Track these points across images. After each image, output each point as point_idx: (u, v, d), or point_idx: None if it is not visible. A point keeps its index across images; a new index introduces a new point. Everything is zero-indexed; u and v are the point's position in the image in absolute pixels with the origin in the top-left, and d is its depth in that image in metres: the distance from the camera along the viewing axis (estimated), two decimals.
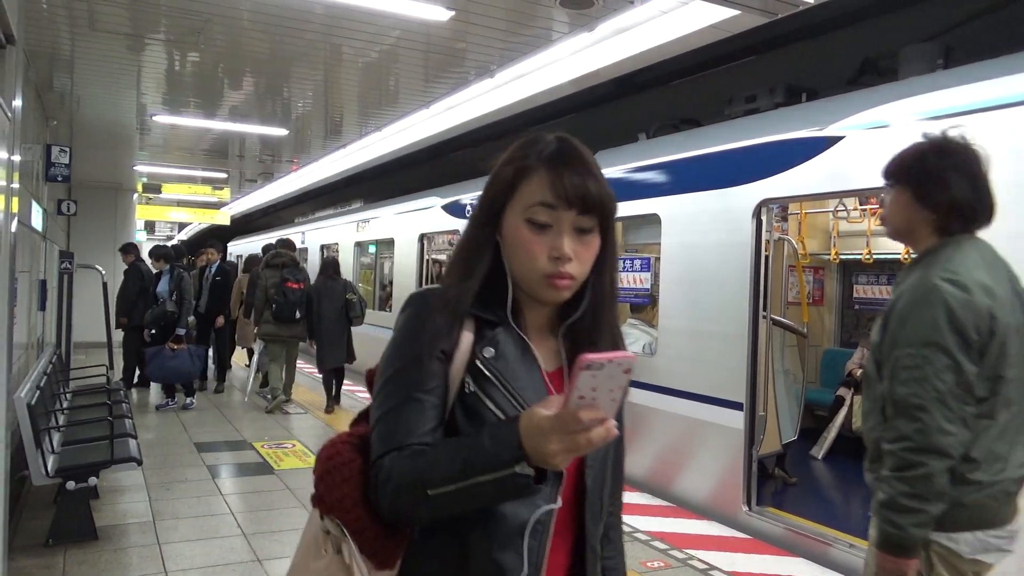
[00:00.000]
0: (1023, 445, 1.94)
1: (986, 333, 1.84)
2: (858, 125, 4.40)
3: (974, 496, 1.87)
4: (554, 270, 1.17)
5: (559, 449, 0.98)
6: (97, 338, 10.90)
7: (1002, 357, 1.87)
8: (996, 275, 1.94)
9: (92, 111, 8.94)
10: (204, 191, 15.52)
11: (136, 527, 4.59)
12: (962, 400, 1.83)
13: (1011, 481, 1.91)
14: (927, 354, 1.83)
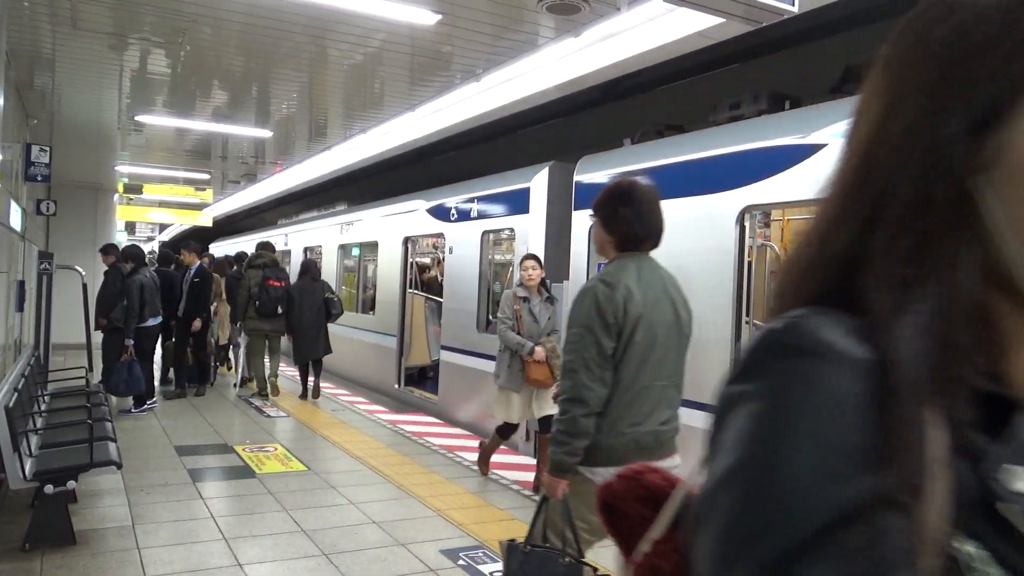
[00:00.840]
0: (660, 409, 2.64)
1: (621, 319, 2.55)
2: (840, 133, 4.44)
3: (610, 441, 2.57)
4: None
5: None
6: (76, 340, 10.78)
7: (631, 339, 2.56)
8: (645, 282, 2.64)
9: (73, 110, 8.85)
10: (186, 192, 15.40)
11: (115, 531, 4.54)
12: (602, 366, 2.54)
13: (644, 434, 2.60)
14: (581, 332, 2.56)
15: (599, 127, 9.01)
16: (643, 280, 2.63)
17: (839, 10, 4.98)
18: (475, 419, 8.21)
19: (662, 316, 2.64)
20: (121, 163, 12.74)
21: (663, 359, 2.64)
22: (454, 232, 8.93)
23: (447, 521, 4.92)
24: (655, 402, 2.62)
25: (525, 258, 6.01)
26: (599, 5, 4.86)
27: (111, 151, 11.68)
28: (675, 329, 2.69)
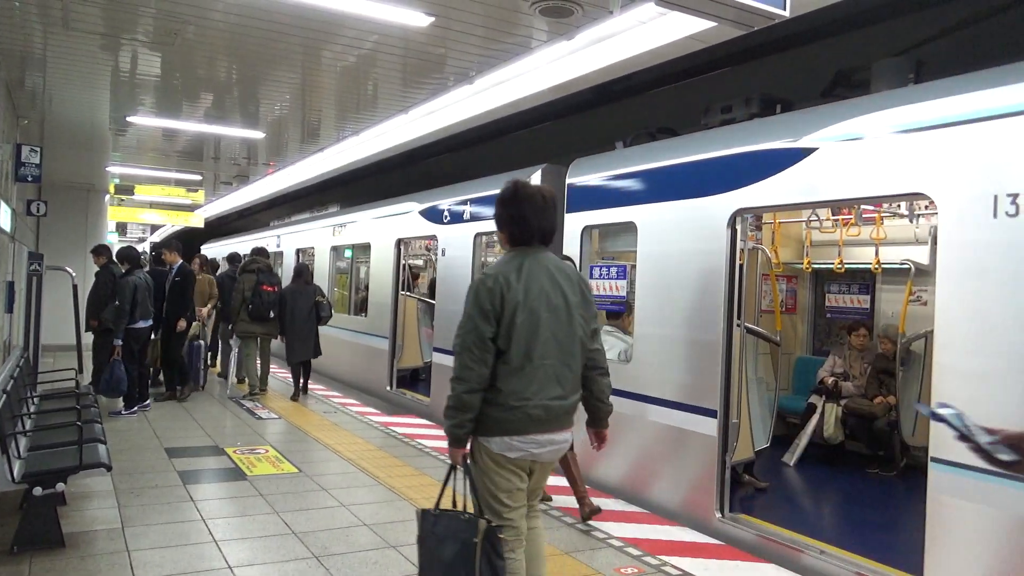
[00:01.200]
0: (550, 386, 2.92)
1: (499, 306, 2.86)
2: (831, 137, 4.48)
3: (500, 414, 2.88)
4: None
5: None
6: (67, 341, 10.73)
7: (511, 324, 2.86)
8: (528, 273, 2.95)
9: (64, 111, 8.81)
10: (178, 193, 15.36)
11: (104, 534, 4.51)
12: (482, 349, 2.84)
13: (534, 407, 2.88)
14: (465, 320, 2.91)
15: (591, 130, 9.03)
16: (526, 271, 2.95)
17: (830, 14, 5.01)
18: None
19: (547, 302, 2.95)
20: (112, 164, 12.69)
21: (549, 340, 2.94)
22: (447, 234, 8.93)
23: None
24: (544, 379, 2.91)
25: None
26: (592, 8, 4.87)
27: (102, 152, 11.64)
28: (564, 312, 2.99)
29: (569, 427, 3.05)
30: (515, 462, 2.92)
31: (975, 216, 3.68)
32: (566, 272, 3.07)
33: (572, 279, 3.08)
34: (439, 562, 2.89)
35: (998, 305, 3.57)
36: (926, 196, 3.98)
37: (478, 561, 2.74)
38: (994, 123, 3.68)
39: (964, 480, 3.63)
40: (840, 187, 4.43)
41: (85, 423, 4.80)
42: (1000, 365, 3.54)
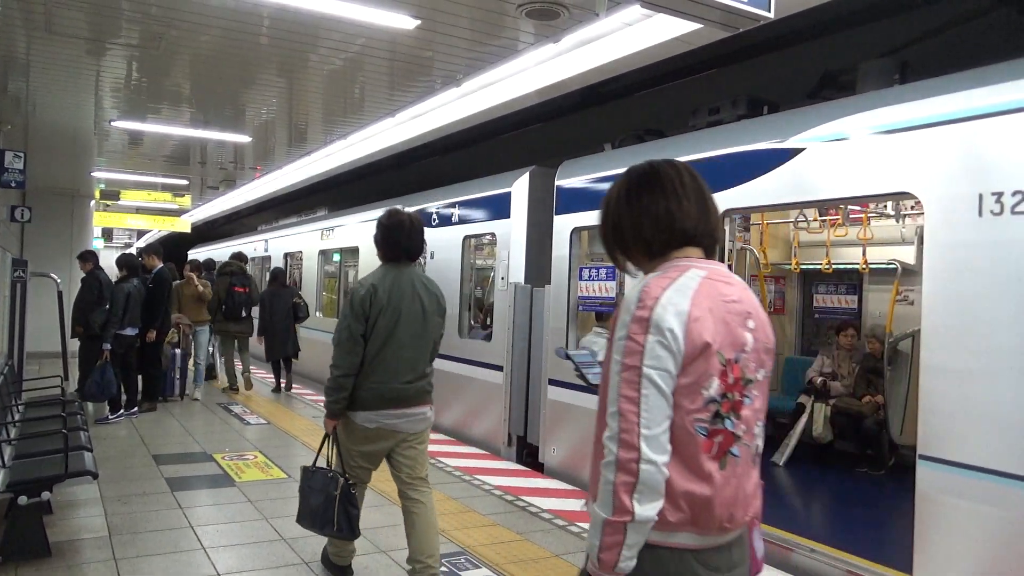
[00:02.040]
0: (403, 372, 3.65)
1: (367, 309, 3.58)
2: (818, 137, 4.50)
3: (362, 393, 3.61)
4: None
5: None
6: (52, 348, 10.63)
7: (376, 324, 3.58)
8: (394, 283, 3.66)
9: (48, 116, 8.74)
10: (164, 198, 15.28)
11: (91, 542, 4.47)
12: (353, 342, 3.57)
13: (388, 389, 3.61)
14: (341, 319, 3.64)
15: (580, 132, 9.04)
16: (391, 282, 3.67)
17: (816, 15, 5.04)
18: (456, 425, 8.18)
19: (407, 307, 3.67)
20: (98, 169, 12.60)
21: (405, 336, 3.66)
22: (435, 237, 8.91)
23: None
24: (397, 367, 3.64)
25: None
26: (578, 11, 4.88)
27: (87, 157, 11.55)
28: (420, 316, 3.72)
29: (424, 404, 3.78)
30: (375, 431, 3.67)
31: (960, 215, 3.71)
32: (427, 285, 3.81)
33: (431, 290, 3.82)
34: (310, 509, 3.77)
35: (984, 304, 3.60)
36: (912, 195, 4.00)
37: (337, 509, 3.63)
38: (979, 122, 3.71)
39: (952, 477, 3.65)
40: (827, 187, 4.45)
41: (71, 431, 4.76)
42: (987, 363, 3.56)
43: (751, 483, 1.68)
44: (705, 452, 1.57)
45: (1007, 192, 3.53)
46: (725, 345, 1.60)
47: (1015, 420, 3.45)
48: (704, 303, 1.58)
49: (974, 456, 3.59)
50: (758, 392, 1.68)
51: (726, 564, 1.63)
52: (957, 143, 3.78)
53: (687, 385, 1.54)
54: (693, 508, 1.55)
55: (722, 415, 1.59)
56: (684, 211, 1.73)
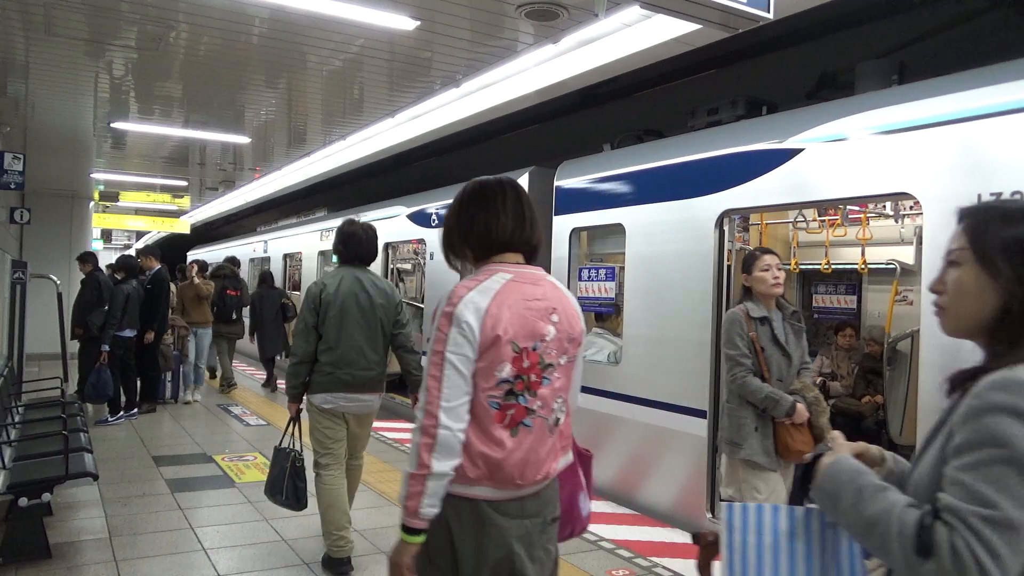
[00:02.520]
0: (356, 361, 4.14)
1: (318, 304, 4.13)
2: (817, 138, 4.50)
3: (321, 378, 4.12)
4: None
5: None
6: (52, 349, 10.62)
7: (326, 316, 4.11)
8: (345, 281, 4.21)
9: (47, 117, 8.73)
10: (163, 199, 15.27)
11: (92, 544, 4.47)
12: (307, 333, 4.12)
13: (342, 374, 4.12)
14: (299, 313, 4.24)
15: (579, 132, 9.04)
16: (340, 280, 4.21)
17: (814, 16, 5.04)
18: None
19: (356, 302, 4.18)
20: (97, 170, 12.59)
21: (356, 328, 4.16)
22: (435, 237, 8.91)
23: None
24: (350, 356, 4.13)
25: (758, 254, 3.89)
26: (577, 11, 4.88)
27: (86, 158, 11.54)
28: (369, 310, 4.21)
29: (374, 392, 4.26)
30: (332, 412, 4.17)
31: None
32: (377, 284, 4.34)
33: (380, 287, 4.34)
34: (270, 480, 4.31)
35: None
36: (911, 196, 4.01)
37: (286, 481, 4.22)
38: (977, 123, 3.72)
39: None
40: (826, 187, 4.46)
41: (71, 432, 4.76)
42: None
43: (545, 448, 2.01)
44: (498, 422, 1.92)
45: (1006, 193, 3.53)
46: (520, 336, 1.94)
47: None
48: (503, 301, 1.93)
49: None
50: (559, 374, 2.03)
51: (520, 513, 1.98)
52: (956, 144, 3.79)
53: (483, 368, 1.90)
54: (488, 466, 1.91)
55: (515, 392, 1.94)
56: (500, 225, 2.05)
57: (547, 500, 2.08)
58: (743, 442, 3.78)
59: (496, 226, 2.05)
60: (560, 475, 2.15)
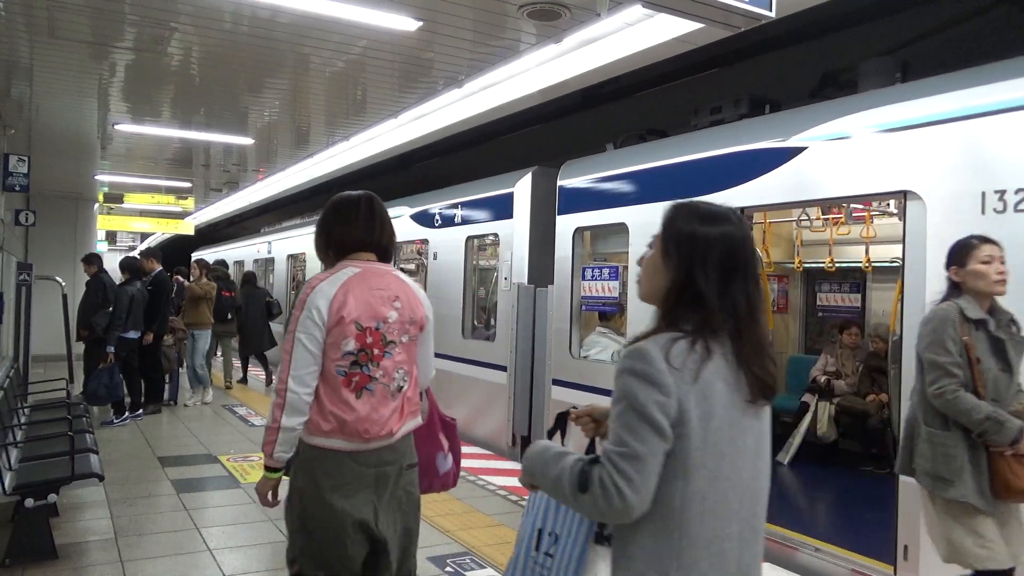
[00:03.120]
0: None
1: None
2: (820, 136, 4.50)
3: None
4: None
5: None
6: (57, 351, 10.66)
7: None
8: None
9: (52, 119, 8.76)
10: (168, 201, 15.28)
11: (98, 544, 4.49)
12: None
13: None
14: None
15: (581, 132, 9.04)
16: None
17: (817, 14, 5.03)
18: (461, 426, 8.18)
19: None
20: (101, 172, 12.62)
21: None
22: (438, 238, 8.92)
23: (434, 528, 4.90)
24: None
25: (975, 242, 3.11)
26: (579, 11, 4.88)
27: (91, 160, 11.57)
28: None
29: None
30: None
31: (963, 213, 3.71)
32: None
33: None
34: None
35: None
36: (914, 194, 4.00)
37: None
38: (981, 120, 3.71)
39: None
40: (829, 186, 4.45)
41: (76, 433, 4.78)
42: None
43: (387, 410, 2.47)
44: (345, 387, 2.41)
45: (1010, 190, 3.53)
46: (363, 317, 2.43)
47: None
48: (349, 290, 2.43)
49: None
50: (401, 350, 2.52)
51: (378, 461, 2.46)
52: (959, 141, 3.78)
53: (331, 343, 2.40)
54: (338, 422, 2.40)
55: (360, 363, 2.43)
56: (350, 231, 2.57)
57: (402, 451, 2.56)
58: (955, 478, 2.94)
59: (349, 232, 2.58)
60: (419, 438, 2.68)
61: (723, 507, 1.54)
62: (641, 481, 1.47)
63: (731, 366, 1.56)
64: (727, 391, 1.54)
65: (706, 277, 1.57)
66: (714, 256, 1.58)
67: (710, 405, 1.51)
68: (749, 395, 1.56)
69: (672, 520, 1.51)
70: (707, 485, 1.52)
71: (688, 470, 1.50)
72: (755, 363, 1.57)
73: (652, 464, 1.48)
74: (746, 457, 1.59)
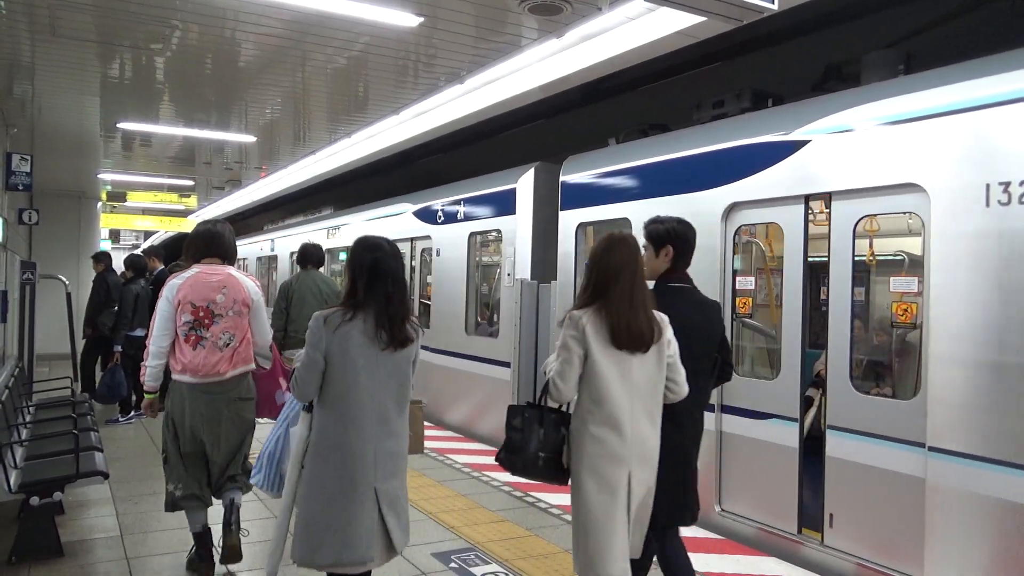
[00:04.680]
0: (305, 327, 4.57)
1: (288, 292, 6.74)
2: (823, 129, 4.48)
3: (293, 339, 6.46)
4: None
5: None
6: (61, 349, 10.68)
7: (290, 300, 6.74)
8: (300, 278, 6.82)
9: (54, 118, 8.77)
10: (170, 199, 15.32)
11: (103, 542, 4.50)
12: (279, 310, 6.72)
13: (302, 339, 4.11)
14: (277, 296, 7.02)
15: (584, 127, 9.02)
16: (299, 278, 6.74)
17: (819, 7, 5.01)
18: (464, 421, 8.19)
19: (309, 291, 6.58)
20: (104, 171, 12.64)
21: (308, 308, 6.04)
22: (441, 234, 8.92)
23: (438, 524, 4.91)
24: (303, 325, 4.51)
25: None
26: (581, 5, 4.87)
27: (94, 159, 11.59)
28: (319, 296, 6.54)
29: None
30: None
31: (967, 205, 3.69)
32: (326, 281, 6.87)
33: (328, 281, 6.88)
34: None
35: (990, 294, 3.58)
36: (918, 186, 3.99)
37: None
38: (985, 112, 3.69)
39: (958, 468, 3.64)
40: (833, 179, 4.44)
41: (81, 431, 4.78)
42: (992, 353, 3.55)
43: (215, 359, 3.86)
44: (186, 343, 3.85)
45: (1015, 182, 3.51)
46: (197, 299, 3.86)
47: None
48: (187, 283, 3.89)
49: (982, 447, 3.58)
50: (227, 321, 3.91)
51: (211, 391, 3.88)
52: (963, 133, 3.76)
53: (178, 316, 3.85)
54: (182, 364, 3.85)
55: (195, 328, 3.85)
56: (197, 246, 4.07)
57: (231, 387, 3.95)
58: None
59: (196, 247, 4.09)
60: (260, 379, 4.16)
61: (356, 404, 2.85)
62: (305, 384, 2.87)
63: (370, 326, 2.84)
64: (362, 338, 2.83)
65: (360, 280, 2.88)
66: (365, 268, 2.88)
67: (347, 346, 2.81)
68: (382, 344, 2.85)
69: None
70: (344, 389, 2.83)
71: (332, 380, 2.84)
72: (393, 325, 2.87)
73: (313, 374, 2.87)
74: (379, 379, 2.87)
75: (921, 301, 4.15)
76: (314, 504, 2.84)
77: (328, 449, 2.84)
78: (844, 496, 4.34)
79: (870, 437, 4.21)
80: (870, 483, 4.18)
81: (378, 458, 2.85)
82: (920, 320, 4.25)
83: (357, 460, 2.82)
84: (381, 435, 2.86)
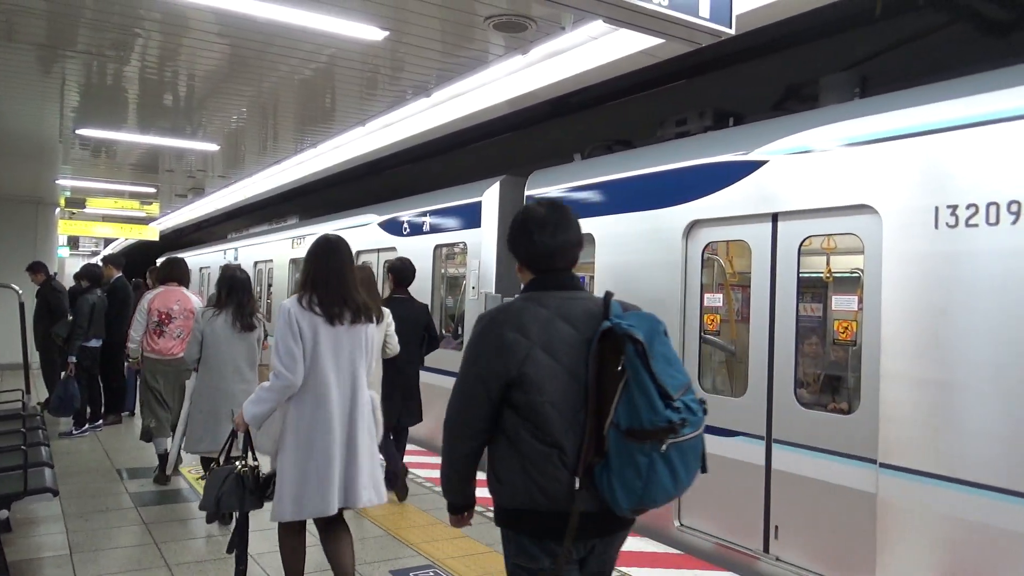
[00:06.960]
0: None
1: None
2: (780, 150, 4.57)
3: None
4: None
5: None
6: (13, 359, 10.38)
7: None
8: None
9: (11, 124, 8.58)
10: (132, 206, 15.06)
11: (51, 561, 4.38)
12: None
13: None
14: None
15: (550, 142, 9.08)
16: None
17: (780, 29, 5.11)
18: (428, 435, 8.14)
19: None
20: (63, 177, 12.38)
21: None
22: (407, 246, 8.89)
23: (398, 541, 4.87)
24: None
25: None
26: (545, 23, 4.91)
27: (52, 165, 11.35)
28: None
29: None
30: None
31: (917, 227, 3.79)
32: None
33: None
34: None
35: (938, 313, 3.68)
36: (871, 207, 4.08)
37: None
38: (935, 136, 3.80)
39: (909, 484, 3.72)
40: (789, 199, 4.52)
41: (30, 447, 4.65)
42: (942, 371, 3.64)
43: (170, 344, 6.24)
44: (154, 334, 6.25)
45: (961, 205, 3.61)
46: (162, 307, 6.26)
47: (975, 428, 3.52)
48: (156, 297, 6.34)
49: (935, 464, 3.66)
50: (180, 321, 6.26)
51: (165, 365, 6.27)
52: (915, 156, 3.87)
53: (150, 318, 6.25)
54: (152, 348, 6.26)
55: (160, 325, 6.24)
56: (162, 273, 6.63)
57: (180, 362, 6.00)
58: None
59: (163, 274, 6.55)
60: None
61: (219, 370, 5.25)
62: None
63: (233, 317, 5.15)
64: (226, 325, 5.12)
65: (223, 289, 5.27)
66: (226, 280, 5.29)
67: (215, 329, 5.11)
68: (238, 328, 5.16)
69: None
70: (213, 360, 5.21)
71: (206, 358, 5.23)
72: (240, 315, 5.19)
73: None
74: (237, 350, 5.23)
75: (860, 319, 4.26)
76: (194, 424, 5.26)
77: (206, 388, 5.18)
78: (790, 508, 4.40)
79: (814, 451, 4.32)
80: (817, 496, 4.25)
81: (237, 397, 4.78)
82: (859, 338, 4.35)
83: (222, 395, 5.10)
84: (235, 380, 5.17)
